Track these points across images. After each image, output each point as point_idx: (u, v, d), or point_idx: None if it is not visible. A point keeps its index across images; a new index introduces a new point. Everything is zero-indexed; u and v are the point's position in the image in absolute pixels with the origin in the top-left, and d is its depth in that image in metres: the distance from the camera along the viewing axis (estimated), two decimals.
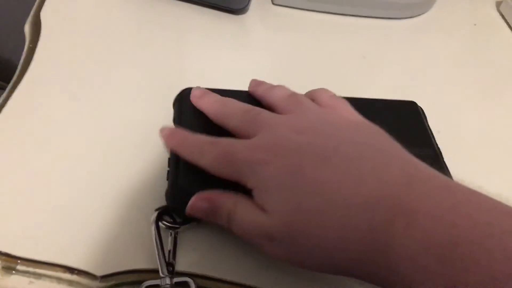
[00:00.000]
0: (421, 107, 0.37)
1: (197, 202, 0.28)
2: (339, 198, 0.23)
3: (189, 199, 0.28)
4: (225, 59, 0.44)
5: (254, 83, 0.35)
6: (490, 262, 0.19)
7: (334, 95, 0.32)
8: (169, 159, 0.31)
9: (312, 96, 0.32)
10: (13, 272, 0.28)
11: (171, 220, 0.30)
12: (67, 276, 0.29)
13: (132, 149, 0.35)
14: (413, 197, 0.22)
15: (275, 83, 0.35)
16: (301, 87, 0.35)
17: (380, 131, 0.28)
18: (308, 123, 0.28)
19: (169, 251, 0.29)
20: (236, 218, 0.26)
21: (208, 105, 0.32)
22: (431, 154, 0.33)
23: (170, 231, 0.30)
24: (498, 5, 0.55)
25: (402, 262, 0.22)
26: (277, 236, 0.25)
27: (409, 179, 0.23)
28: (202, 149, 0.28)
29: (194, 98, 0.33)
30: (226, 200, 0.27)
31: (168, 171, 0.31)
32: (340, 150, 0.25)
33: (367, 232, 0.23)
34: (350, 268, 0.24)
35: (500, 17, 0.55)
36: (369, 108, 0.34)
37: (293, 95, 0.31)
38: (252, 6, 0.49)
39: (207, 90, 0.33)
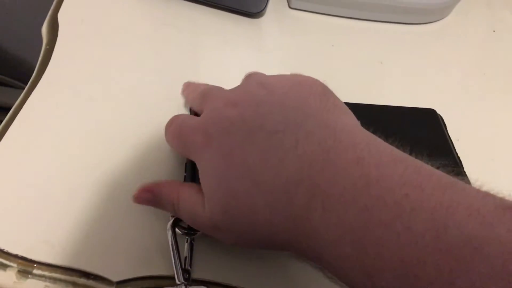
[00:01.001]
0: (440, 115, 0.36)
1: (140, 193, 0.28)
2: (264, 181, 0.23)
3: None
4: (241, 62, 0.44)
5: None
6: (399, 245, 0.19)
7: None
8: (186, 164, 0.31)
9: None
10: (29, 276, 0.28)
11: (188, 227, 0.30)
12: (83, 281, 0.28)
13: (149, 152, 0.35)
14: (327, 178, 0.21)
15: None
16: None
17: (317, 88, 0.26)
18: (244, 92, 0.27)
19: (185, 258, 0.29)
20: (180, 210, 0.27)
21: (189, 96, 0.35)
22: (451, 163, 0.33)
23: (187, 237, 0.30)
24: None
25: (323, 249, 0.21)
26: (220, 223, 0.24)
27: (326, 155, 0.22)
28: (166, 125, 0.30)
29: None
30: (170, 192, 0.27)
31: (185, 176, 0.30)
32: (267, 122, 0.24)
33: (290, 217, 0.22)
34: (289, 248, 0.24)
35: None
36: (387, 115, 0.34)
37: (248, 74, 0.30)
38: (269, 9, 0.49)
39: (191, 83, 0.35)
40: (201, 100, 0.29)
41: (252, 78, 0.28)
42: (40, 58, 0.40)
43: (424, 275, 0.18)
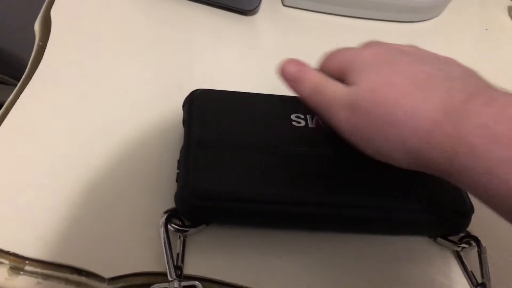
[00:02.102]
0: None
1: (288, 64, 0.31)
2: (428, 88, 0.25)
3: (198, 202, 0.28)
4: (234, 59, 0.44)
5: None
6: None
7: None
8: (178, 161, 0.31)
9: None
10: (21, 272, 0.28)
11: (180, 223, 0.30)
12: (75, 277, 0.28)
13: (141, 150, 0.35)
14: (490, 87, 0.25)
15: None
16: None
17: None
18: (406, 47, 0.30)
19: (178, 254, 0.29)
20: (320, 88, 0.29)
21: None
22: None
23: (179, 234, 0.30)
24: (509, 10, 0.55)
25: (476, 138, 0.22)
26: (358, 101, 0.26)
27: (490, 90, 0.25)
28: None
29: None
30: (314, 73, 0.30)
31: (178, 173, 0.30)
32: (434, 63, 0.27)
33: (441, 110, 0.24)
34: (417, 151, 0.24)
35: None
36: None
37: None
38: (263, 7, 0.49)
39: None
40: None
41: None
42: (32, 55, 0.40)
43: None
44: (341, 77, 0.29)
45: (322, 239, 0.32)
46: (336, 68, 0.30)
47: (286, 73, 0.31)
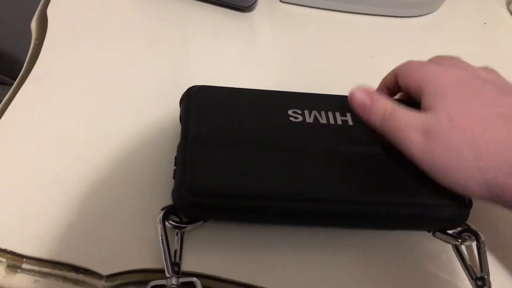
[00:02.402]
0: None
1: (359, 93, 0.31)
2: (507, 112, 0.26)
3: (195, 199, 0.28)
4: (232, 56, 0.44)
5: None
6: None
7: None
8: (175, 157, 0.31)
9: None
10: (18, 270, 0.28)
11: (178, 220, 0.30)
12: (73, 275, 0.28)
13: (139, 147, 0.35)
14: None
15: (283, 81, 0.34)
16: (308, 86, 0.35)
17: None
18: (486, 72, 0.30)
19: (175, 251, 0.29)
20: (393, 114, 0.29)
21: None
22: None
23: (177, 230, 0.30)
24: (508, 3, 0.55)
25: None
26: (434, 128, 0.27)
27: None
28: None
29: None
30: (384, 100, 0.30)
31: (175, 170, 0.30)
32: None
33: None
34: (496, 184, 0.25)
35: (510, 15, 0.54)
36: None
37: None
38: (260, 3, 0.49)
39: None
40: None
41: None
42: (29, 54, 0.40)
43: None
44: (417, 95, 0.29)
45: (319, 235, 0.32)
46: (414, 86, 0.30)
47: (356, 101, 0.32)
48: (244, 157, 0.30)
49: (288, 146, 0.31)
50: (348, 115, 0.33)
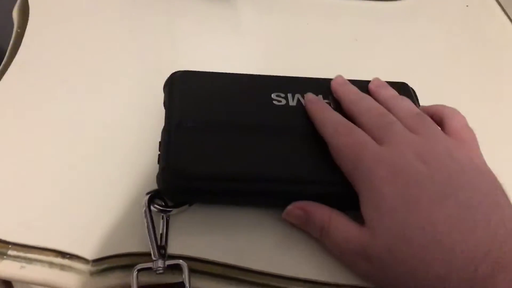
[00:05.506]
0: (412, 88, 0.37)
1: (293, 209, 0.29)
2: (448, 242, 0.24)
3: (180, 182, 0.29)
4: (216, 42, 0.44)
5: (377, 82, 0.35)
6: None
7: (467, 124, 0.31)
8: (160, 143, 0.31)
9: (442, 114, 0.32)
10: (4, 257, 0.28)
11: (163, 204, 0.30)
12: (59, 260, 0.28)
13: (123, 133, 0.35)
14: None
15: (267, 66, 0.34)
16: (293, 70, 0.35)
17: (496, 180, 0.27)
18: (434, 154, 0.27)
19: (161, 235, 0.29)
20: (330, 232, 0.28)
21: (346, 93, 0.33)
22: None
23: (162, 214, 0.30)
24: None
25: None
26: (375, 257, 0.25)
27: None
28: (337, 128, 0.30)
29: (335, 84, 0.34)
30: (321, 214, 0.28)
31: (159, 155, 0.31)
32: (459, 194, 0.25)
33: (467, 280, 0.23)
34: None
35: None
36: (362, 89, 0.34)
37: (421, 115, 0.31)
38: None
39: (347, 80, 0.35)
40: (380, 127, 0.29)
41: (435, 136, 0.29)
42: (11, 42, 0.40)
43: None
44: (353, 183, 0.28)
45: None
46: (346, 167, 0.28)
47: (291, 220, 0.30)
48: (227, 141, 0.30)
49: (271, 129, 0.31)
50: (331, 98, 0.34)
